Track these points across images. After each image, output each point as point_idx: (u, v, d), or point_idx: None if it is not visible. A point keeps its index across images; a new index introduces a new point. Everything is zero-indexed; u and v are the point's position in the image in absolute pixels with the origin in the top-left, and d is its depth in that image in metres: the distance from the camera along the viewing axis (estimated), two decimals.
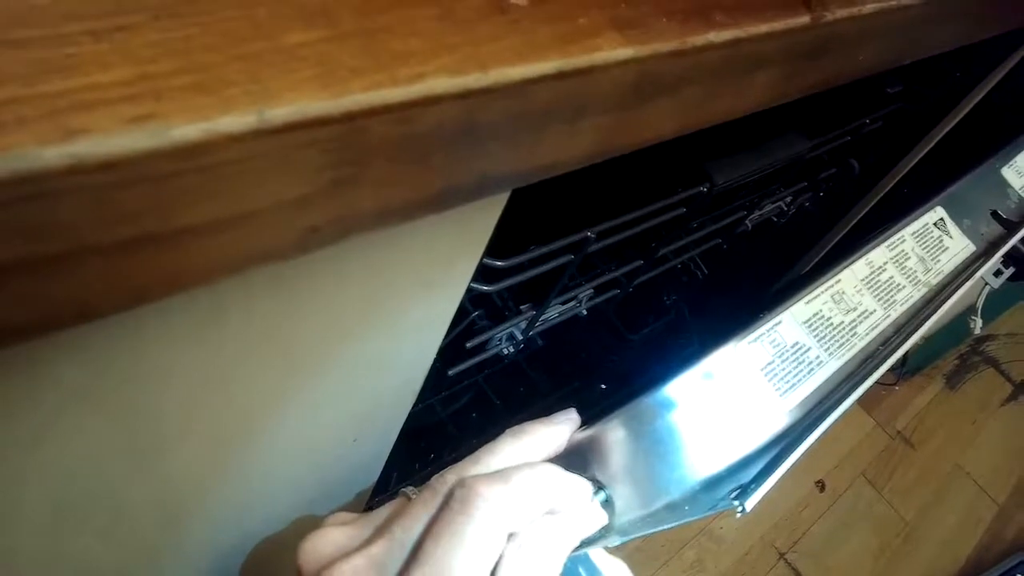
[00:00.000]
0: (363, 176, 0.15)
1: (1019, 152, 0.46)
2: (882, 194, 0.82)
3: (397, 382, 0.33)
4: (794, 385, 0.27)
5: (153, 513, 0.27)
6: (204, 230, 0.13)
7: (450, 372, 0.51)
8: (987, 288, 0.51)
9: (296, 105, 0.13)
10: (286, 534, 0.36)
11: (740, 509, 0.24)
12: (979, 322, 0.52)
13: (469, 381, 0.71)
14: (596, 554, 0.27)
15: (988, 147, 0.56)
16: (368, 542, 0.25)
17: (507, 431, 0.28)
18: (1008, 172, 0.44)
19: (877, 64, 0.32)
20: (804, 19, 0.24)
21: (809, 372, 0.28)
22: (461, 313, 0.54)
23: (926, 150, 0.77)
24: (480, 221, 0.26)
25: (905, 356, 1.66)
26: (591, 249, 0.47)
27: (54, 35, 0.12)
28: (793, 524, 1.36)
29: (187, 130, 0.11)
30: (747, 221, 0.70)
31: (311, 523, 0.36)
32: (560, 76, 0.17)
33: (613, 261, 0.64)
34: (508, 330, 0.54)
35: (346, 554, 0.24)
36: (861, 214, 0.85)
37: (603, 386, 0.85)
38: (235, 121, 0.12)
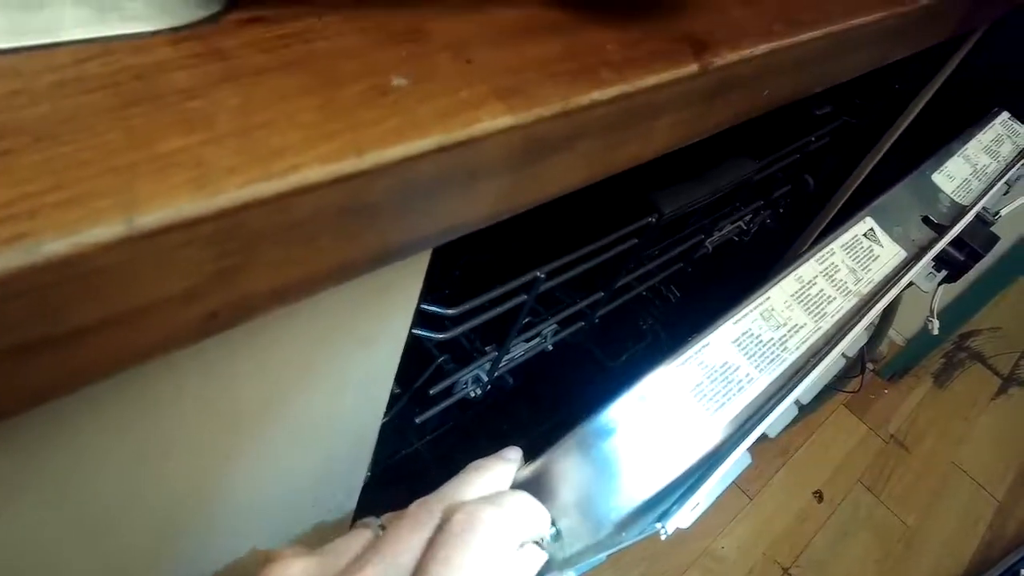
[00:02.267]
0: (251, 262, 0.16)
1: (949, 158, 0.48)
2: (840, 205, 0.84)
3: (348, 440, 0.33)
4: (723, 404, 0.28)
5: None
6: (95, 329, 0.14)
7: (417, 420, 0.51)
8: (941, 288, 0.53)
9: (167, 210, 0.14)
10: None
11: (663, 531, 0.24)
12: (936, 323, 0.53)
13: (447, 427, 0.71)
14: None
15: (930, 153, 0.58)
16: (355, 569, 0.24)
17: (469, 466, 0.29)
18: (939, 177, 0.46)
19: (787, 96, 0.34)
20: (692, 68, 0.25)
21: (739, 389, 0.29)
22: (428, 359, 0.55)
23: (875, 161, 0.79)
24: (407, 277, 0.27)
25: (877, 359, 1.67)
26: (547, 287, 0.48)
27: None
28: (794, 538, 1.35)
29: (57, 245, 0.12)
30: (707, 244, 0.71)
31: None
32: (442, 150, 0.18)
33: (579, 294, 0.65)
34: (473, 372, 0.55)
35: None
36: (822, 226, 0.87)
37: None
38: (104, 231, 0.13)
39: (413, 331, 0.42)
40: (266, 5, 0.19)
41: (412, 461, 0.73)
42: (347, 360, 0.28)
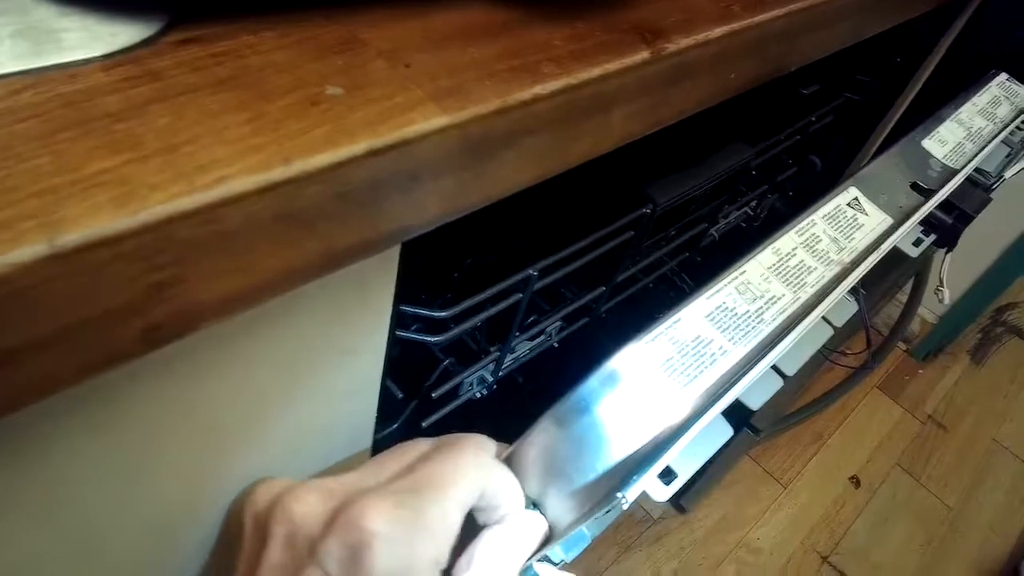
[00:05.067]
0: (188, 274, 0.17)
1: (941, 123, 0.47)
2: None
3: (341, 446, 0.34)
4: (695, 377, 0.28)
5: None
6: (32, 348, 0.15)
7: (424, 424, 0.52)
8: (948, 257, 0.51)
9: (90, 228, 0.14)
10: None
11: (624, 500, 0.24)
12: (946, 292, 0.52)
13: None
14: (544, 569, 0.28)
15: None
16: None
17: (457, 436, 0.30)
18: (929, 143, 0.45)
19: (757, 77, 0.34)
20: (644, 55, 0.25)
21: (712, 362, 0.29)
22: (434, 364, 0.55)
23: (882, 137, 0.77)
24: (379, 280, 0.27)
25: (911, 337, 1.63)
26: (543, 284, 0.48)
27: None
28: (832, 525, 1.33)
29: None
30: (712, 232, 0.71)
31: None
32: (373, 153, 0.18)
33: (586, 291, 0.65)
34: (477, 374, 0.55)
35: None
36: None
37: None
38: (26, 252, 0.13)
39: (410, 335, 0.42)
40: (202, 25, 0.20)
41: None
42: (329, 369, 0.29)
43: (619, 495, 0.24)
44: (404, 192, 0.20)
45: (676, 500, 1.28)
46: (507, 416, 0.80)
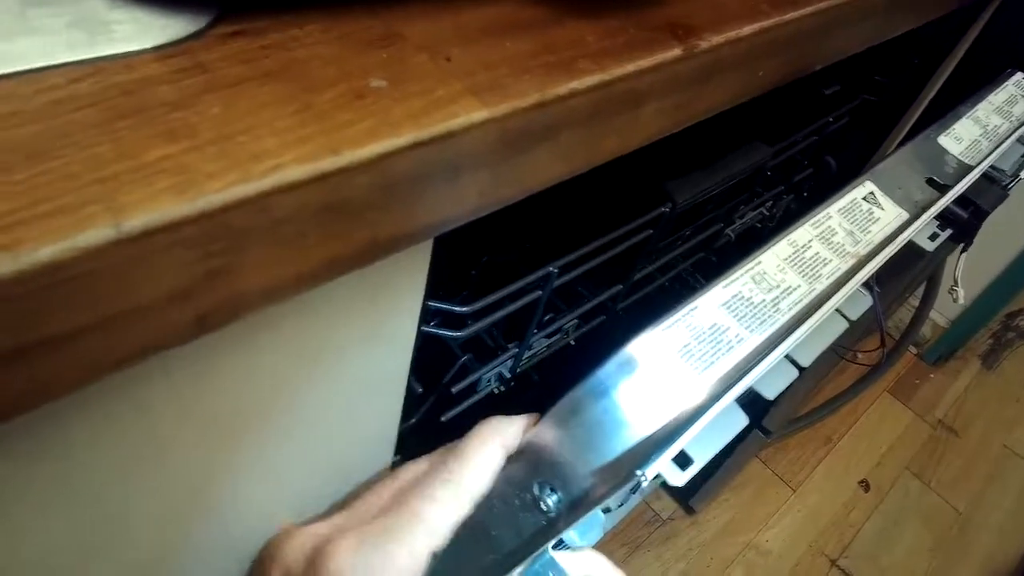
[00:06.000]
0: (240, 262, 0.17)
1: (957, 120, 0.47)
2: None
3: (367, 439, 0.34)
4: (712, 363, 0.29)
5: None
6: (91, 330, 0.15)
7: (443, 419, 0.52)
8: (963, 257, 0.52)
9: (152, 213, 0.15)
10: None
11: (643, 478, 0.25)
12: (960, 292, 0.52)
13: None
14: (562, 556, 0.28)
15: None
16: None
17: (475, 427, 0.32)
18: (945, 139, 0.45)
19: (784, 75, 0.34)
20: (676, 52, 0.26)
21: (728, 349, 0.29)
22: (452, 359, 0.55)
23: (899, 138, 0.77)
24: (411, 273, 0.28)
25: (923, 341, 1.63)
26: (562, 281, 0.49)
27: None
28: (841, 528, 1.33)
29: (49, 250, 0.13)
30: (728, 232, 0.71)
31: None
32: (417, 145, 0.19)
33: (601, 289, 0.65)
34: (496, 370, 0.55)
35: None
36: None
37: None
38: (94, 235, 0.14)
39: (431, 330, 0.43)
40: (249, 18, 0.20)
41: None
42: (356, 359, 0.29)
43: (639, 472, 0.25)
44: (444, 184, 0.21)
45: (685, 501, 1.28)
46: (523, 411, 0.80)
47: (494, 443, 0.30)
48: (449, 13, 0.23)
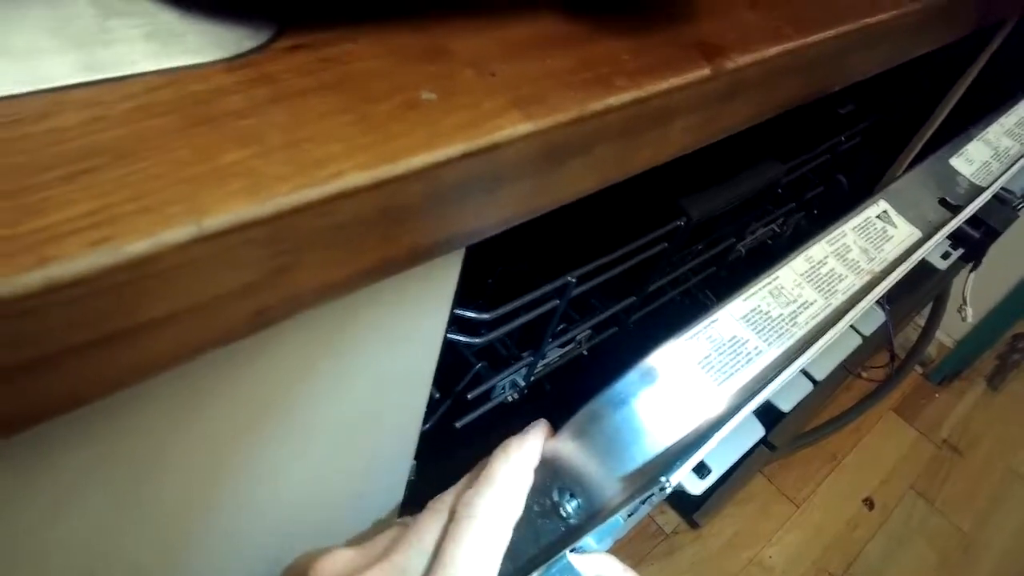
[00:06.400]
0: (301, 261, 0.18)
1: (968, 142, 0.48)
2: None
3: (392, 437, 0.35)
4: (731, 375, 0.29)
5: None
6: (166, 322, 0.16)
7: (457, 424, 0.53)
8: (972, 276, 0.52)
9: (228, 214, 0.16)
10: None
11: (667, 484, 0.26)
12: (969, 311, 0.53)
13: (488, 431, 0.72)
14: (578, 560, 0.29)
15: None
16: (385, 554, 0.28)
17: (497, 449, 0.31)
18: (957, 161, 0.46)
19: (802, 96, 0.35)
20: (705, 71, 0.27)
21: (747, 361, 0.30)
22: (466, 367, 0.56)
23: (910, 159, 0.78)
24: (442, 278, 0.29)
25: (927, 361, 1.63)
26: (579, 291, 0.50)
27: (32, 184, 0.15)
28: (845, 546, 1.32)
29: (136, 246, 0.14)
30: (739, 247, 0.72)
31: None
32: (466, 156, 0.20)
33: (614, 301, 0.66)
34: (510, 378, 0.56)
35: (367, 565, 0.27)
36: None
37: None
38: (177, 233, 0.15)
39: (450, 336, 0.44)
40: (307, 33, 0.21)
41: (454, 465, 0.74)
42: (385, 360, 0.30)
43: (663, 479, 0.26)
44: (486, 194, 0.22)
45: (689, 515, 1.28)
46: (535, 418, 0.81)
47: (524, 469, 0.30)
48: (492, 29, 0.25)
